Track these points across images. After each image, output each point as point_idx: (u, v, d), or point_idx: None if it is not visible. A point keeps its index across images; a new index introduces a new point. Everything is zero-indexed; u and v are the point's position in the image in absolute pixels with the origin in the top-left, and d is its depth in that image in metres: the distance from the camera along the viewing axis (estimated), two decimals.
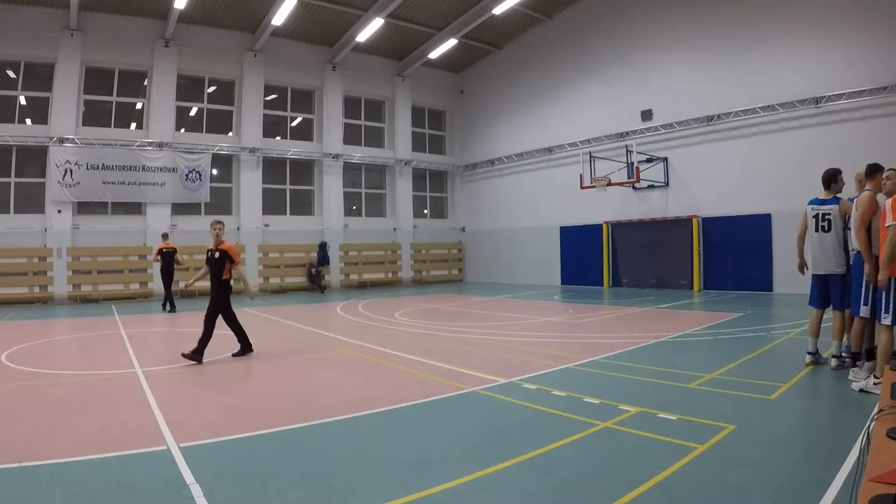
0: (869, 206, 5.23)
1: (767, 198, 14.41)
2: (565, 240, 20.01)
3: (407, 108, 23.20)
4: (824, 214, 5.88)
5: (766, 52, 14.46)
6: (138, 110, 18.22)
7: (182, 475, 3.35)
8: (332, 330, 10.39)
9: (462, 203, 24.92)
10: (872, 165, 5.46)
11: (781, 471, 3.31)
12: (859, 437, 3.38)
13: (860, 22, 12.86)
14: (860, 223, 5.24)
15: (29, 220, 16.23)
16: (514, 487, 3.17)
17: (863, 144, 12.34)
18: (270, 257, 19.77)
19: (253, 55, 19.35)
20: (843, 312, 5.79)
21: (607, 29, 18.38)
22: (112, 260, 16.92)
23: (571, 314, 11.78)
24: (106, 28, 16.88)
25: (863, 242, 5.18)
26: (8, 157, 16.19)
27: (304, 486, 3.24)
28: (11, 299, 15.43)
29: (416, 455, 3.72)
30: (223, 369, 6.73)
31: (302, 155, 20.72)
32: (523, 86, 21.49)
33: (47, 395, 5.53)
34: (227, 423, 4.46)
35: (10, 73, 16.29)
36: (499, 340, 8.42)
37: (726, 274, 15.49)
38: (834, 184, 5.94)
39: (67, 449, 3.83)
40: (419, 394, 5.29)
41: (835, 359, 5.81)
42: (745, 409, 4.55)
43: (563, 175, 19.37)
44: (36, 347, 8.53)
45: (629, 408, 4.60)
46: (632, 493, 3.01)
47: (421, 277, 23.28)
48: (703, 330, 8.91)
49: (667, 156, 16.86)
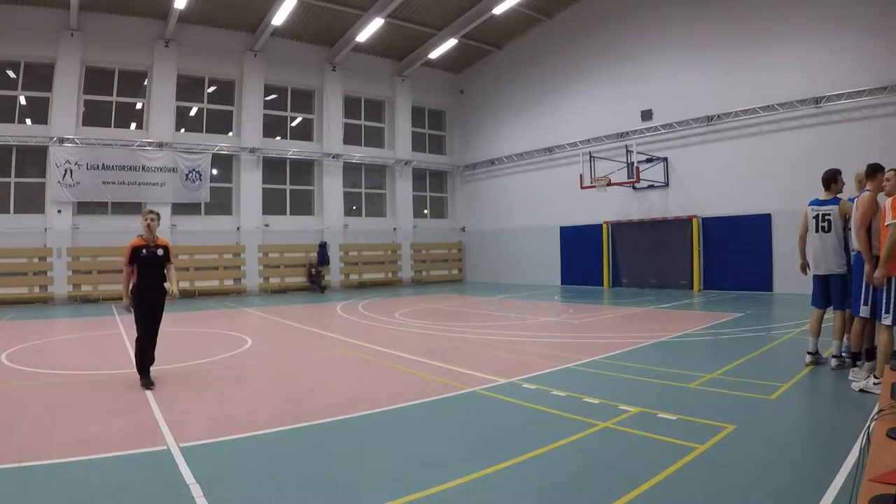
0: (869, 206, 5.22)
1: (767, 198, 14.41)
2: (565, 240, 20.00)
3: (407, 108, 23.20)
4: (824, 215, 5.88)
5: (766, 52, 14.46)
6: (138, 110, 18.22)
7: (182, 475, 3.34)
8: (333, 330, 10.39)
9: (462, 203, 24.92)
10: (873, 165, 5.45)
11: (781, 471, 3.31)
12: (859, 437, 3.38)
13: (860, 22, 12.86)
14: (860, 223, 5.23)
15: (29, 220, 16.24)
16: (514, 487, 3.17)
17: (863, 144, 12.34)
18: (270, 257, 19.78)
19: (253, 55, 19.35)
20: (843, 312, 5.79)
21: (607, 29, 18.39)
22: (112, 260, 16.86)
23: (571, 314, 11.77)
24: (106, 28, 16.88)
25: (863, 243, 5.17)
26: (8, 157, 16.20)
27: (303, 487, 3.24)
28: (11, 299, 15.43)
29: (417, 455, 3.72)
30: (223, 369, 6.73)
31: (302, 155, 20.72)
32: (523, 86, 21.48)
33: (47, 395, 5.53)
34: (227, 423, 4.46)
35: (10, 73, 16.29)
36: (499, 340, 8.42)
37: (726, 274, 15.49)
38: (834, 184, 5.94)
39: (67, 449, 3.82)
40: (419, 394, 5.29)
41: (835, 359, 5.81)
42: (745, 409, 4.54)
43: (563, 175, 19.37)
44: (36, 347, 8.53)
45: (629, 408, 4.60)
46: (632, 493, 3.01)
47: (421, 277, 23.28)
48: (703, 330, 8.91)
49: (667, 156, 16.86)
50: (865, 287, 5.14)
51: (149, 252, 5.89)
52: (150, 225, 5.95)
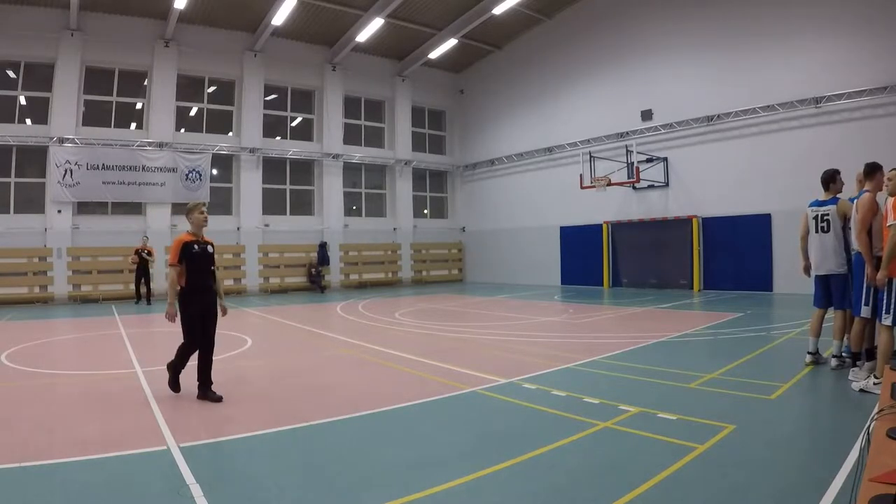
0: (869, 207, 5.20)
1: (767, 198, 14.41)
2: (565, 240, 20.00)
3: (407, 108, 23.20)
4: (823, 215, 5.89)
5: (765, 52, 14.46)
6: (138, 110, 18.22)
7: (182, 475, 3.34)
8: (333, 330, 10.39)
9: (462, 203, 24.92)
10: (871, 164, 5.43)
11: (781, 471, 3.31)
12: (859, 437, 3.38)
13: (860, 22, 12.86)
14: (861, 226, 5.20)
15: (29, 220, 16.24)
16: (514, 487, 3.17)
17: (862, 144, 12.32)
18: (270, 257, 19.78)
19: (253, 55, 19.34)
20: (844, 312, 5.78)
21: (607, 29, 18.38)
22: (112, 260, 16.91)
23: (571, 314, 11.77)
24: (106, 28, 16.87)
25: (864, 244, 5.14)
26: (8, 157, 16.19)
27: (303, 487, 3.24)
28: (11, 299, 15.43)
29: (417, 455, 3.72)
30: (223, 369, 6.72)
31: (302, 155, 20.72)
32: (523, 86, 21.48)
33: (47, 395, 5.53)
34: (227, 423, 4.46)
35: (10, 73, 16.28)
36: (499, 340, 8.42)
37: (726, 274, 15.49)
38: (832, 184, 5.94)
39: (67, 449, 3.82)
40: (419, 394, 5.29)
41: (835, 359, 5.81)
42: (745, 409, 4.55)
43: (563, 175, 19.36)
44: (36, 347, 8.52)
45: (629, 408, 4.60)
46: (632, 493, 3.01)
47: (421, 277, 23.28)
48: (703, 330, 8.91)
49: (667, 156, 16.86)
50: (866, 287, 5.12)
51: (200, 248, 5.20)
52: (205, 217, 5.27)
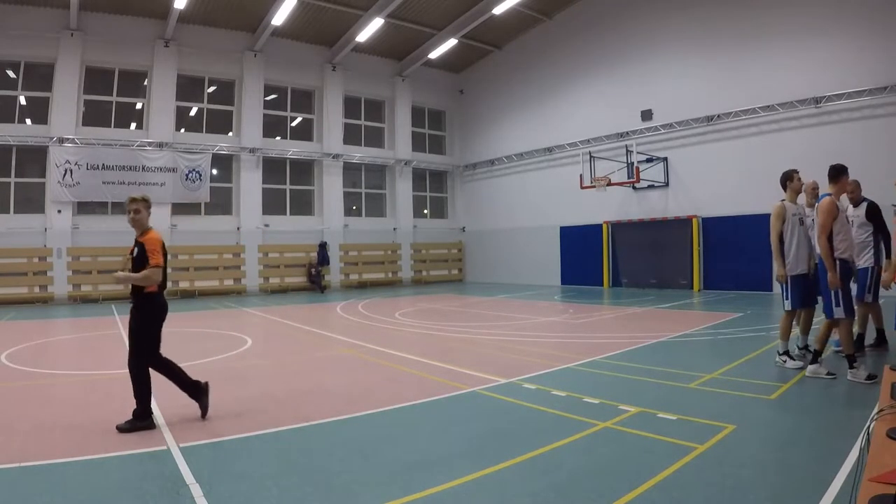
0: (829, 211, 5.18)
1: (767, 198, 14.29)
2: (565, 240, 20.00)
3: (407, 108, 23.20)
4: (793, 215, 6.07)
5: (765, 52, 14.46)
6: (138, 110, 18.22)
7: (182, 475, 3.35)
8: (333, 330, 10.39)
9: (462, 203, 24.92)
10: (837, 168, 5.40)
11: (781, 471, 3.31)
12: (859, 437, 3.38)
13: (860, 22, 12.86)
14: (821, 230, 5.21)
15: (29, 220, 16.24)
16: (514, 487, 3.17)
17: (862, 144, 12.32)
18: (270, 257, 19.78)
19: (253, 55, 19.35)
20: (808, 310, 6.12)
21: (607, 29, 18.38)
22: (112, 260, 16.87)
23: (571, 314, 11.77)
24: (106, 28, 16.88)
25: (824, 249, 5.18)
26: (8, 157, 16.20)
27: (304, 486, 3.24)
28: (11, 299, 15.44)
29: (417, 455, 3.72)
30: (223, 369, 6.73)
31: (302, 155, 20.72)
32: (523, 86, 21.48)
33: (47, 395, 5.53)
34: (227, 423, 4.46)
35: (10, 73, 16.29)
36: (499, 340, 8.42)
37: (726, 274, 15.48)
38: (790, 183, 5.94)
39: (67, 449, 3.83)
40: (419, 394, 5.29)
41: (799, 350, 6.16)
42: (745, 409, 4.55)
43: (563, 175, 19.36)
44: (36, 347, 8.53)
45: (629, 408, 4.60)
46: (632, 493, 3.01)
47: (421, 277, 23.28)
48: (703, 330, 8.91)
49: (667, 156, 16.86)
50: (834, 290, 5.19)
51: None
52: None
